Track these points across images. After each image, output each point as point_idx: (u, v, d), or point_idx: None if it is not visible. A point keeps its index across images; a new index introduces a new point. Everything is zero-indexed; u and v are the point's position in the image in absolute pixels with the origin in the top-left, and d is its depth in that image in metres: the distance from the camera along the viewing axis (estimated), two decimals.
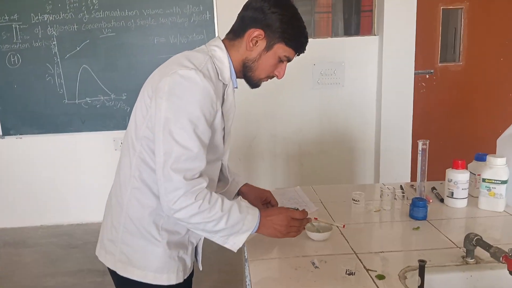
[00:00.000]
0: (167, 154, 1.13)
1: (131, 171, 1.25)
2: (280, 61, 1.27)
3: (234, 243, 1.21)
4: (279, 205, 1.55)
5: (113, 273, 1.34)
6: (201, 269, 1.42)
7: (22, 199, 3.59)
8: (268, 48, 1.24)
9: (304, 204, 1.65)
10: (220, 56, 1.25)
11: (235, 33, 1.27)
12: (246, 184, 1.53)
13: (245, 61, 1.27)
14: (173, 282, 1.28)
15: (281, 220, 1.24)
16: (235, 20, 1.29)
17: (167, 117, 1.12)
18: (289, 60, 1.28)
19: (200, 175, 1.16)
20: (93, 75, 3.36)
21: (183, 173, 1.12)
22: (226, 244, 1.21)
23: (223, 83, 1.25)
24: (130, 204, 1.27)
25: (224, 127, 1.28)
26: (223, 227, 1.17)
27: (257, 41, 1.24)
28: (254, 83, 1.31)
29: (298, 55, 1.29)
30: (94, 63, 3.35)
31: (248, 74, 1.28)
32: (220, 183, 1.43)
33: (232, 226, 1.18)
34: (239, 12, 1.28)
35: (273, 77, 1.31)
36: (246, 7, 1.26)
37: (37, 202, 3.60)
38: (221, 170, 1.40)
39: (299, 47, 1.27)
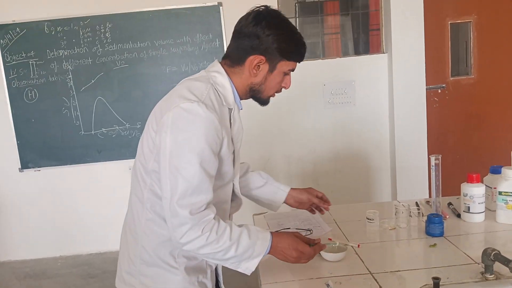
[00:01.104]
0: (173, 190, 1.13)
1: (144, 204, 1.26)
2: (285, 74, 1.29)
3: (246, 268, 1.21)
4: (293, 229, 1.55)
5: None
6: None
7: (41, 231, 3.64)
8: (271, 69, 1.26)
9: (318, 225, 1.64)
10: (222, 81, 1.25)
11: (234, 60, 1.27)
12: (289, 193, 1.57)
13: (252, 85, 1.28)
14: None
15: (291, 252, 1.23)
16: (229, 45, 1.29)
17: (172, 152, 1.13)
18: (292, 70, 1.30)
19: (207, 207, 1.16)
20: (108, 106, 3.43)
21: (189, 208, 1.12)
22: (239, 269, 1.21)
23: (228, 108, 1.26)
24: (145, 236, 1.27)
25: (233, 150, 1.29)
26: (233, 255, 1.17)
27: (259, 66, 1.24)
28: (264, 101, 1.34)
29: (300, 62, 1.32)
30: (109, 94, 3.43)
31: (258, 96, 1.31)
32: (233, 203, 1.44)
33: (242, 254, 1.18)
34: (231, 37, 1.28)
35: (281, 90, 1.34)
36: (238, 34, 1.25)
37: (56, 232, 3.64)
38: (233, 191, 1.40)
39: (301, 57, 1.29)
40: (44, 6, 3.32)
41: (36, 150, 3.49)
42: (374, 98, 3.51)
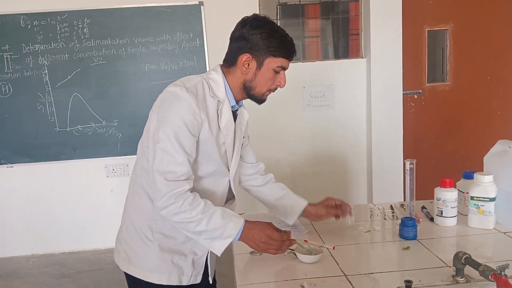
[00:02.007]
0: (152, 157, 1.28)
1: (135, 178, 1.42)
2: (276, 72, 1.37)
3: (218, 247, 1.30)
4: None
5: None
6: (210, 282, 1.49)
7: (12, 228, 3.55)
8: (259, 66, 1.36)
9: (294, 227, 1.64)
10: (215, 77, 1.38)
11: (229, 62, 1.40)
12: (307, 206, 1.63)
13: (244, 83, 1.39)
14: (164, 283, 1.39)
15: (260, 236, 1.31)
16: (226, 51, 1.42)
17: (155, 127, 1.29)
18: (284, 68, 1.38)
19: (184, 180, 1.27)
20: (84, 103, 3.38)
21: (164, 175, 1.26)
22: (211, 248, 1.31)
23: (218, 100, 1.36)
24: (131, 207, 1.44)
25: (224, 142, 1.38)
26: (203, 229, 1.27)
27: (248, 64, 1.36)
28: (259, 99, 1.42)
29: (291, 60, 1.39)
30: (85, 91, 3.37)
31: (251, 93, 1.40)
32: (230, 200, 1.51)
33: (213, 230, 1.28)
34: (228, 39, 1.40)
35: (275, 88, 1.42)
36: (231, 40, 1.39)
37: (29, 230, 3.56)
38: (230, 187, 1.47)
39: (287, 53, 1.36)
40: None
41: (9, 146, 3.41)
42: (352, 101, 3.55)
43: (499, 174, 1.57)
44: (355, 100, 3.55)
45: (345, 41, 3.65)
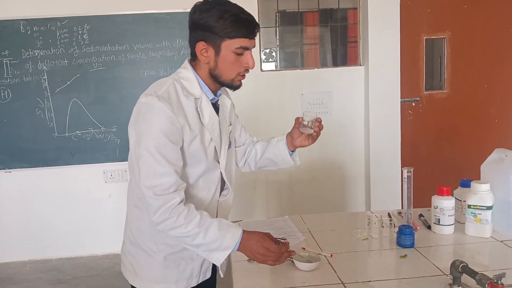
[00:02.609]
0: (138, 173, 1.25)
1: (132, 189, 1.38)
2: (239, 54, 1.29)
3: (216, 258, 1.28)
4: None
5: None
6: (222, 276, 1.44)
7: (9, 233, 3.54)
8: (217, 51, 1.29)
9: (292, 233, 1.65)
10: (186, 75, 1.34)
11: (192, 55, 1.35)
12: (287, 138, 1.61)
13: (210, 72, 1.32)
14: None
15: (258, 248, 1.27)
16: None
17: (134, 143, 1.26)
18: (247, 48, 1.29)
19: (174, 191, 1.24)
20: (83, 108, 3.38)
21: (152, 189, 1.23)
22: (210, 259, 1.29)
23: (195, 98, 1.32)
24: (131, 219, 1.42)
25: (212, 138, 1.34)
26: (200, 242, 1.25)
27: (206, 51, 1.29)
28: (230, 85, 1.35)
29: (253, 37, 1.29)
30: (85, 96, 3.38)
31: (220, 80, 1.33)
32: (225, 191, 1.49)
33: (210, 243, 1.25)
34: None
35: (246, 71, 1.33)
36: (189, 31, 1.34)
37: (26, 236, 3.55)
38: (222, 179, 1.44)
39: (245, 32, 1.27)
40: (20, 5, 3.25)
41: (7, 151, 3.40)
42: (350, 108, 3.57)
43: (496, 183, 1.58)
44: (353, 107, 3.57)
45: (344, 48, 3.67)
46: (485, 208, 1.54)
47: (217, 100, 1.41)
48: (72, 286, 3.15)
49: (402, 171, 1.66)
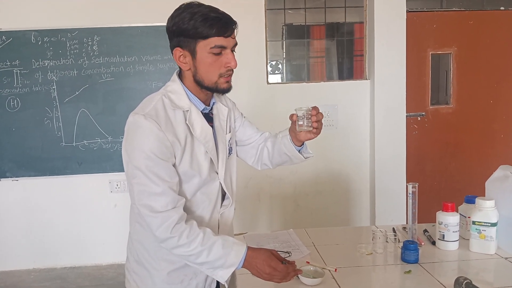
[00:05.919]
0: (132, 193, 1.25)
1: (133, 207, 1.34)
2: (217, 54, 1.24)
3: (220, 276, 1.27)
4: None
5: None
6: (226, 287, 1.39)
7: (15, 242, 3.56)
8: (193, 55, 1.25)
9: (296, 247, 1.65)
10: (173, 87, 1.31)
11: (177, 65, 1.32)
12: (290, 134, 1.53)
13: (193, 79, 1.29)
14: None
15: (264, 268, 1.26)
16: None
17: (126, 162, 1.25)
18: (223, 47, 1.24)
19: (172, 208, 1.22)
20: (91, 119, 3.42)
21: (148, 208, 1.22)
22: (214, 276, 1.28)
23: (183, 111, 1.28)
24: (134, 237, 1.40)
25: (207, 151, 1.31)
26: (204, 260, 1.24)
27: (184, 57, 1.27)
28: (215, 89, 1.30)
29: (228, 35, 1.24)
30: (93, 106, 3.42)
31: (204, 86, 1.29)
32: (226, 201, 1.46)
33: (214, 261, 1.24)
34: None
35: (228, 71, 1.28)
36: None
37: (31, 244, 3.56)
38: (222, 189, 1.42)
39: (217, 30, 1.22)
40: (32, 16, 3.31)
41: (15, 160, 3.44)
42: (355, 122, 3.58)
43: (501, 199, 1.58)
44: (358, 121, 3.58)
45: (350, 62, 3.70)
46: (489, 224, 1.54)
47: (211, 109, 1.38)
48: None
49: (407, 186, 1.67)
